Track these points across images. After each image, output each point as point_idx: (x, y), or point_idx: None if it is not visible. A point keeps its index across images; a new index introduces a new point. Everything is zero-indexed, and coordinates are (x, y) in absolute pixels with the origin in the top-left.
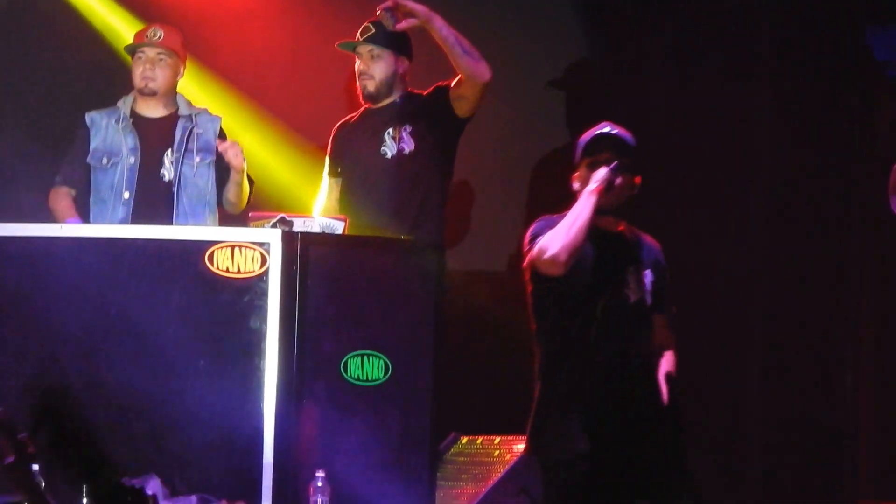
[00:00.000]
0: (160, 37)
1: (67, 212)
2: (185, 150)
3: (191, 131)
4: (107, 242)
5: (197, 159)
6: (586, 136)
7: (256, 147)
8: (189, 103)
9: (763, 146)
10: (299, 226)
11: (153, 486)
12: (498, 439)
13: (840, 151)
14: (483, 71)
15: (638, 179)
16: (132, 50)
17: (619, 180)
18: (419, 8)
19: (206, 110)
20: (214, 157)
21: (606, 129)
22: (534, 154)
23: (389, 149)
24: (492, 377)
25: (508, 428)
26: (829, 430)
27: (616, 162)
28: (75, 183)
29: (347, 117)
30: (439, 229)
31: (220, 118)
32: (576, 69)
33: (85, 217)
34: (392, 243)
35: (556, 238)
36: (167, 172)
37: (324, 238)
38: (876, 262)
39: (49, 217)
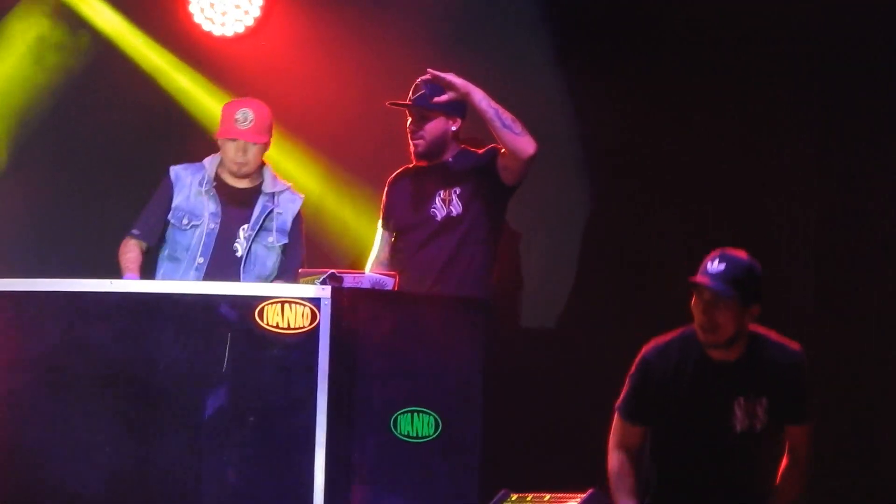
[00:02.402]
0: (250, 123)
1: (132, 265)
2: (261, 228)
3: (270, 212)
4: (156, 298)
5: (270, 239)
6: (703, 262)
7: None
8: (274, 178)
9: (812, 150)
10: (349, 282)
11: None
12: (548, 496)
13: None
14: (525, 146)
15: (756, 310)
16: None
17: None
18: (458, 82)
19: (289, 188)
20: (287, 241)
21: (713, 266)
22: (580, 209)
23: (439, 211)
24: (542, 433)
25: (558, 485)
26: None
27: None
28: (150, 236)
29: (401, 170)
30: (484, 292)
31: (302, 198)
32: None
33: (150, 271)
34: (441, 300)
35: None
36: (240, 247)
37: (373, 294)
38: None
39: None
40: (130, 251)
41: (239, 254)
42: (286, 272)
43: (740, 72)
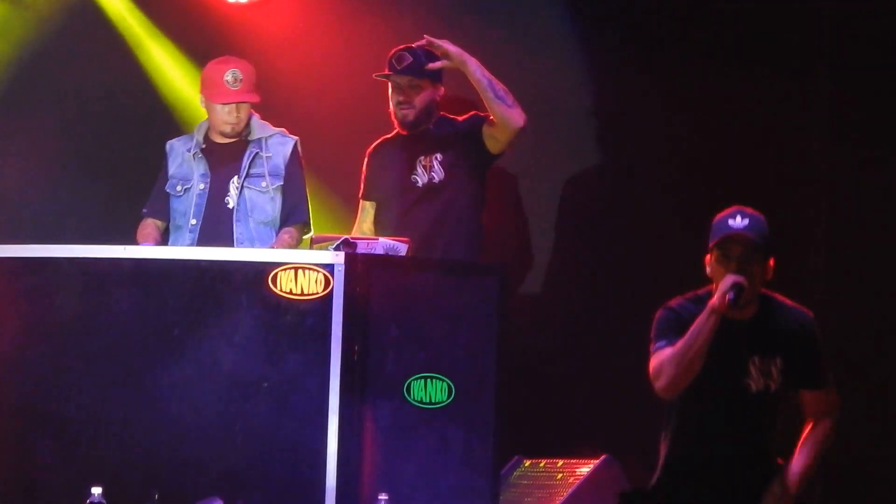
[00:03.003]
0: (241, 83)
1: (147, 239)
2: (248, 175)
3: (255, 156)
4: (169, 264)
5: (263, 184)
6: (717, 221)
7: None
8: (263, 125)
9: (820, 145)
10: (363, 248)
11: None
12: (561, 462)
13: None
14: (516, 117)
15: (772, 262)
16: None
17: (742, 294)
18: (453, 50)
19: (280, 132)
20: (282, 183)
21: (737, 221)
22: (577, 174)
23: (420, 177)
24: (556, 400)
25: (571, 451)
26: None
27: (736, 289)
28: (159, 213)
29: (381, 140)
30: (471, 257)
31: (295, 140)
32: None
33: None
34: (456, 266)
35: (669, 368)
36: (231, 199)
37: (387, 260)
38: None
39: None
40: (145, 228)
41: (230, 206)
42: (291, 212)
43: (748, 65)
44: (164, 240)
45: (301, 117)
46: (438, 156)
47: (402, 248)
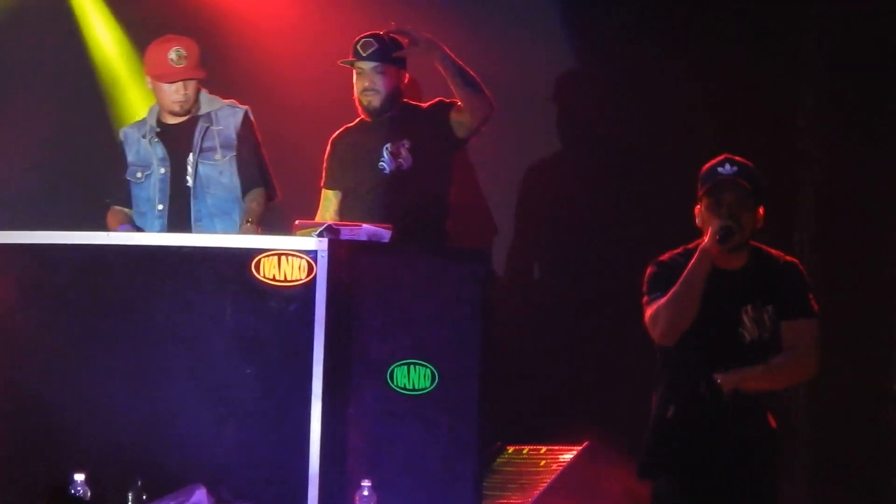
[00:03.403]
0: (185, 60)
1: (124, 223)
2: (201, 150)
3: (206, 130)
4: (153, 250)
5: (217, 157)
6: (706, 169)
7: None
8: (212, 99)
9: (810, 141)
10: (346, 234)
11: (199, 496)
12: (544, 449)
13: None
14: (484, 104)
15: (762, 210)
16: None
17: (732, 236)
18: (421, 37)
19: (230, 104)
20: (234, 153)
21: (726, 168)
22: (548, 157)
23: (387, 164)
24: (538, 386)
25: (555, 438)
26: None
27: (724, 230)
28: (123, 201)
29: (343, 128)
30: (441, 242)
31: (245, 109)
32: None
33: None
34: (440, 251)
35: (665, 313)
36: (189, 178)
37: (370, 246)
38: None
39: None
40: (116, 214)
41: (189, 184)
42: (251, 179)
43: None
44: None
45: (273, 105)
46: (406, 142)
47: (385, 235)
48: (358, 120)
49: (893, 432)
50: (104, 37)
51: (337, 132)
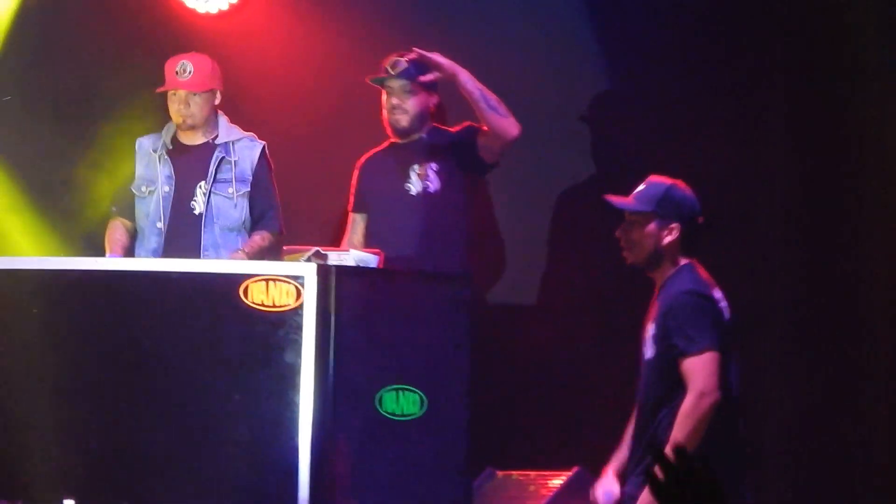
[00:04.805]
0: (189, 74)
1: (115, 246)
2: (215, 180)
3: (221, 161)
4: (140, 276)
5: (230, 190)
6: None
7: (288, 178)
8: (229, 128)
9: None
10: (334, 259)
11: None
12: (534, 474)
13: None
14: (509, 127)
15: (676, 229)
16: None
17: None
18: (444, 62)
19: (248, 136)
20: (249, 189)
21: (629, 200)
22: (561, 185)
23: (414, 186)
24: (528, 412)
25: (544, 463)
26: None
27: None
28: (127, 212)
29: (371, 152)
30: (464, 265)
31: (262, 145)
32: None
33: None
34: (425, 276)
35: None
36: (197, 204)
37: (358, 271)
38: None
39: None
40: (115, 231)
41: (197, 211)
42: (260, 217)
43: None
44: (132, 244)
45: (280, 129)
46: (433, 165)
47: (372, 261)
48: (386, 143)
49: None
50: None
51: (364, 156)
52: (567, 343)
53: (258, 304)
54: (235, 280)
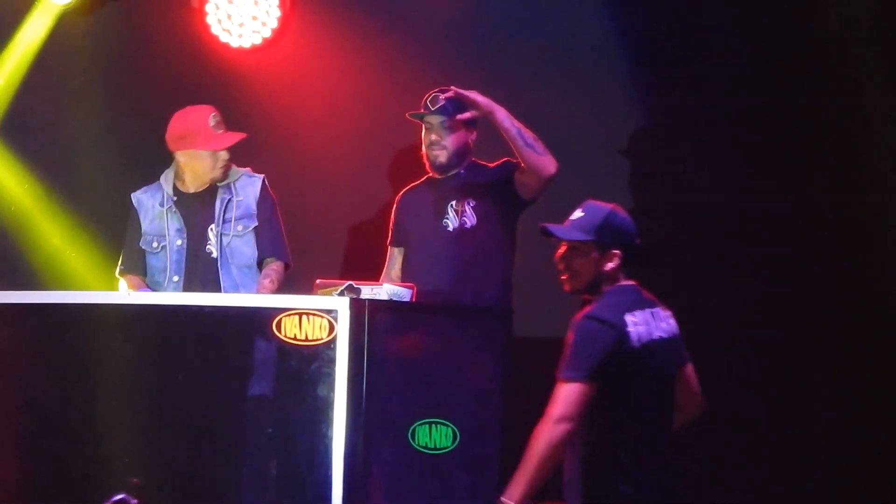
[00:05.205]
0: (223, 125)
1: (140, 288)
2: (224, 221)
3: (228, 202)
4: (174, 310)
5: (239, 227)
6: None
7: (321, 212)
8: (230, 170)
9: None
10: (367, 293)
11: None
12: None
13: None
14: (546, 164)
15: (617, 255)
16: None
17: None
18: (481, 100)
19: (246, 172)
20: (256, 223)
21: (565, 229)
22: None
23: (451, 221)
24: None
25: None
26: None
27: None
28: (137, 268)
29: (409, 187)
30: (502, 300)
31: (261, 178)
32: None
33: None
34: (459, 310)
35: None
36: (213, 248)
37: (391, 305)
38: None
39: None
40: (133, 281)
41: (214, 255)
42: (267, 250)
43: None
44: None
45: (313, 162)
46: (471, 201)
47: (406, 294)
48: (425, 177)
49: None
50: None
51: (403, 190)
52: None
53: (291, 339)
54: (269, 314)
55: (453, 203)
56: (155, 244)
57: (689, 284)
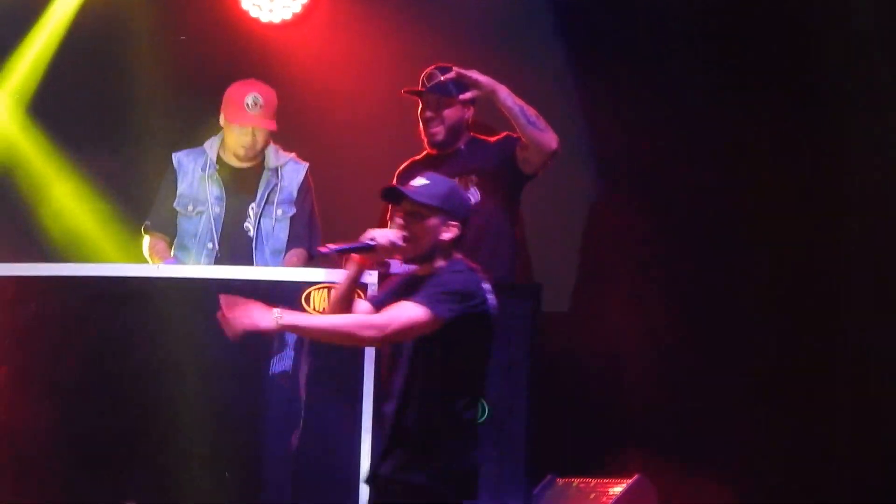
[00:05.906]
0: (260, 108)
1: (164, 254)
2: (266, 203)
3: (273, 186)
4: (202, 283)
5: (279, 212)
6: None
7: (349, 188)
8: (277, 152)
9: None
10: (396, 267)
11: None
12: (594, 482)
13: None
14: (548, 141)
15: (455, 229)
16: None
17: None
18: (483, 80)
19: (292, 158)
20: (295, 211)
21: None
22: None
23: None
24: (589, 419)
25: (605, 470)
26: None
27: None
28: (165, 228)
29: (409, 161)
30: (509, 274)
31: (306, 166)
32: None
33: None
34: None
35: None
36: (251, 226)
37: None
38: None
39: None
40: (158, 244)
41: (251, 233)
42: (295, 238)
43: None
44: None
45: (327, 141)
46: (473, 177)
47: None
48: (424, 154)
49: None
50: None
51: (404, 164)
52: (631, 350)
53: (320, 312)
54: (298, 288)
55: (456, 180)
56: (190, 207)
57: (678, 281)
